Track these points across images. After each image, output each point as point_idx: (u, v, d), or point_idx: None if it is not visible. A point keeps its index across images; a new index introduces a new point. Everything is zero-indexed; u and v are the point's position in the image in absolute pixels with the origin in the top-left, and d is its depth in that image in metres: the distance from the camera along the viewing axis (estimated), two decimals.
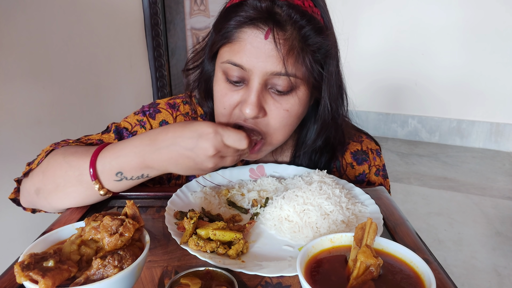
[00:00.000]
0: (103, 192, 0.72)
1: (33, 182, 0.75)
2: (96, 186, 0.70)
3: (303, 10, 0.69)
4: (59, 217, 0.72)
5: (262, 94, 0.72)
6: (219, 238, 0.62)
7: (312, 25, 0.69)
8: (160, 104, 0.92)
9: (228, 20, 0.70)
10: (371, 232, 0.51)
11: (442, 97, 4.04)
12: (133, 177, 0.71)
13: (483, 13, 3.68)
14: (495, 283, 2.04)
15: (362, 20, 3.99)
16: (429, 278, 0.45)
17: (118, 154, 0.70)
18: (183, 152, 0.66)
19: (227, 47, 0.72)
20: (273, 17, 0.67)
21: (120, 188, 0.73)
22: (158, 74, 2.20)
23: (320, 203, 0.69)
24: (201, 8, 2.39)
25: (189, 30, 2.35)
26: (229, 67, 0.72)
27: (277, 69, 0.69)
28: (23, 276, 0.40)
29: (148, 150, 0.68)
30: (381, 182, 0.98)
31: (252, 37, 0.68)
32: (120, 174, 0.70)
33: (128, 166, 0.69)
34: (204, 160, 0.66)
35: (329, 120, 0.81)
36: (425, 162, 3.67)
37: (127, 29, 1.91)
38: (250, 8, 0.68)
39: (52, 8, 1.35)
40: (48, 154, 0.77)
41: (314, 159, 0.92)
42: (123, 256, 0.45)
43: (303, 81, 0.72)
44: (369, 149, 0.98)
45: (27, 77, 1.25)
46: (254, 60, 0.69)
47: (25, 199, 0.78)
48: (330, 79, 0.76)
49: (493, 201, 2.90)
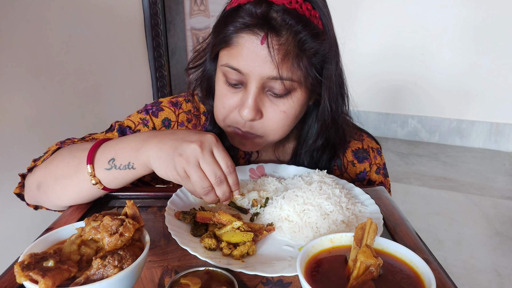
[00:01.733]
0: (94, 182, 0.70)
1: (35, 177, 0.76)
2: (89, 171, 0.69)
3: (300, 15, 0.69)
4: (59, 217, 0.72)
5: (260, 97, 0.74)
6: (228, 239, 0.62)
7: (308, 30, 0.69)
8: (162, 102, 0.93)
9: (226, 25, 0.71)
10: (371, 232, 0.51)
11: (442, 97, 4.04)
12: (121, 166, 0.69)
13: (483, 13, 3.68)
14: (495, 283, 2.04)
15: (362, 20, 3.99)
16: (429, 278, 0.45)
17: (119, 141, 0.70)
18: (176, 138, 0.65)
19: (226, 51, 0.73)
20: (269, 23, 0.68)
21: (109, 179, 0.71)
22: (158, 74, 2.20)
23: (320, 203, 0.69)
24: (201, 8, 2.39)
25: (189, 30, 2.35)
26: (228, 70, 0.73)
27: (273, 74, 0.70)
28: (23, 276, 0.40)
29: (148, 135, 0.68)
30: (381, 181, 0.99)
31: (249, 42, 0.69)
32: (112, 162, 0.69)
33: (121, 151, 0.69)
34: (185, 145, 0.63)
35: (329, 121, 0.82)
36: (425, 162, 3.68)
37: (127, 29, 1.91)
38: (246, 14, 0.69)
39: (52, 8, 1.35)
40: (54, 152, 0.78)
41: (315, 157, 0.92)
42: (123, 256, 0.45)
43: (299, 84, 0.73)
44: (370, 148, 0.99)
45: (27, 77, 1.25)
46: (251, 64, 0.70)
47: (28, 194, 0.79)
48: (329, 81, 0.76)
49: (493, 201, 2.90)
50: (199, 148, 0.62)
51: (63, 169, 0.72)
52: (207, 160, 0.63)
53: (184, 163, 0.62)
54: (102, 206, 0.78)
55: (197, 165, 0.62)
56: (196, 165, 0.62)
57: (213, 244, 0.62)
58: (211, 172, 0.63)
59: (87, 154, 0.70)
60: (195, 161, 0.62)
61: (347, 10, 3.89)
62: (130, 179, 0.71)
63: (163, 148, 0.64)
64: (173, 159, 0.63)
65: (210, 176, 0.63)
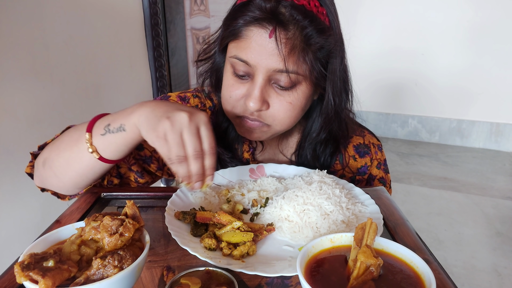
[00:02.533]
0: (91, 150, 0.69)
1: (42, 155, 0.78)
2: (86, 138, 0.69)
3: (307, 10, 0.72)
4: (59, 217, 0.72)
5: (266, 88, 0.76)
6: (228, 239, 0.62)
7: (314, 25, 0.72)
8: (171, 96, 0.95)
9: (236, 19, 0.74)
10: (371, 232, 0.51)
11: (442, 97, 4.04)
12: (114, 129, 0.68)
13: (483, 13, 3.68)
14: (495, 283, 2.04)
15: (362, 20, 3.99)
16: (429, 278, 0.45)
17: (118, 111, 0.71)
18: (171, 105, 0.65)
19: (234, 43, 0.76)
20: (277, 17, 0.71)
21: (104, 146, 0.70)
22: (158, 74, 2.20)
23: (320, 203, 0.69)
24: (201, 8, 2.39)
25: (189, 30, 2.35)
26: (236, 62, 0.76)
27: (279, 67, 0.73)
28: (23, 276, 0.40)
29: (146, 102, 0.68)
30: (382, 176, 1.01)
31: (257, 35, 0.72)
32: (107, 127, 0.69)
33: (117, 116, 0.69)
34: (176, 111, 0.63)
35: (332, 114, 0.85)
36: (425, 162, 3.68)
37: (127, 29, 1.91)
38: (256, 8, 0.72)
39: (52, 8, 1.35)
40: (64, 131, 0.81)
41: (318, 151, 0.94)
42: (123, 256, 0.45)
43: (304, 77, 0.76)
44: (371, 143, 1.01)
45: (27, 77, 1.25)
46: (258, 57, 0.73)
47: (35, 174, 0.80)
48: (333, 76, 0.79)
49: (493, 201, 2.90)
50: (187, 117, 0.62)
51: (66, 143, 0.74)
52: (191, 131, 0.62)
53: (168, 125, 0.61)
54: (102, 206, 0.78)
55: (179, 131, 0.62)
56: (178, 131, 0.62)
57: (213, 244, 0.62)
58: (191, 143, 0.62)
59: (87, 125, 0.71)
60: (179, 127, 0.62)
61: (347, 10, 3.89)
62: (122, 143, 0.69)
63: (155, 110, 0.64)
64: (159, 120, 0.62)
65: (189, 146, 0.62)
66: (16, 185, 1.19)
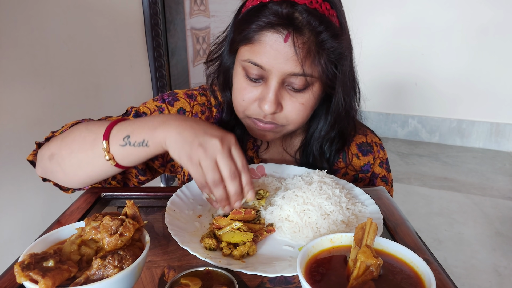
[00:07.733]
0: (108, 157, 0.70)
1: (49, 148, 0.77)
2: (104, 147, 0.69)
3: (320, 14, 0.72)
4: (59, 217, 0.72)
5: (280, 91, 0.77)
6: (227, 239, 0.62)
7: (329, 30, 0.73)
8: (178, 93, 0.95)
9: (250, 23, 0.74)
10: (371, 232, 0.51)
11: (442, 97, 4.04)
12: (136, 143, 0.68)
13: (483, 13, 3.68)
14: (496, 283, 2.04)
15: (362, 20, 3.99)
16: (429, 278, 0.45)
17: (137, 120, 0.70)
18: (198, 127, 0.65)
19: (247, 47, 0.76)
20: (293, 23, 0.71)
21: (122, 156, 0.70)
22: (158, 74, 2.20)
23: (320, 203, 0.69)
24: (201, 8, 2.39)
25: (189, 30, 2.35)
26: (249, 65, 0.76)
27: (295, 70, 0.74)
28: (23, 276, 0.40)
29: (168, 117, 0.68)
30: (384, 174, 1.02)
31: (272, 40, 0.72)
32: (127, 138, 0.69)
33: (138, 129, 0.68)
34: (207, 137, 0.63)
35: (343, 113, 0.87)
36: (425, 162, 3.68)
37: (127, 29, 1.91)
38: (271, 13, 0.72)
39: (52, 8, 1.35)
40: (73, 126, 0.79)
41: (324, 148, 0.95)
42: (123, 256, 0.45)
43: (318, 79, 0.77)
44: (374, 142, 1.03)
45: (27, 77, 1.25)
46: (273, 61, 0.73)
47: (39, 164, 0.80)
48: (344, 76, 0.81)
49: (493, 201, 2.90)
50: (219, 143, 0.63)
51: (79, 143, 0.73)
52: (225, 155, 0.63)
53: (202, 153, 0.62)
54: (102, 206, 0.78)
55: (213, 158, 0.63)
56: (212, 158, 0.63)
57: (213, 244, 0.62)
58: (226, 166, 0.63)
59: (104, 130, 0.70)
60: (213, 154, 0.63)
61: (347, 10, 3.89)
62: (143, 157, 0.70)
63: (183, 133, 0.64)
64: (191, 146, 0.63)
65: (225, 169, 0.63)
66: (16, 185, 1.19)
